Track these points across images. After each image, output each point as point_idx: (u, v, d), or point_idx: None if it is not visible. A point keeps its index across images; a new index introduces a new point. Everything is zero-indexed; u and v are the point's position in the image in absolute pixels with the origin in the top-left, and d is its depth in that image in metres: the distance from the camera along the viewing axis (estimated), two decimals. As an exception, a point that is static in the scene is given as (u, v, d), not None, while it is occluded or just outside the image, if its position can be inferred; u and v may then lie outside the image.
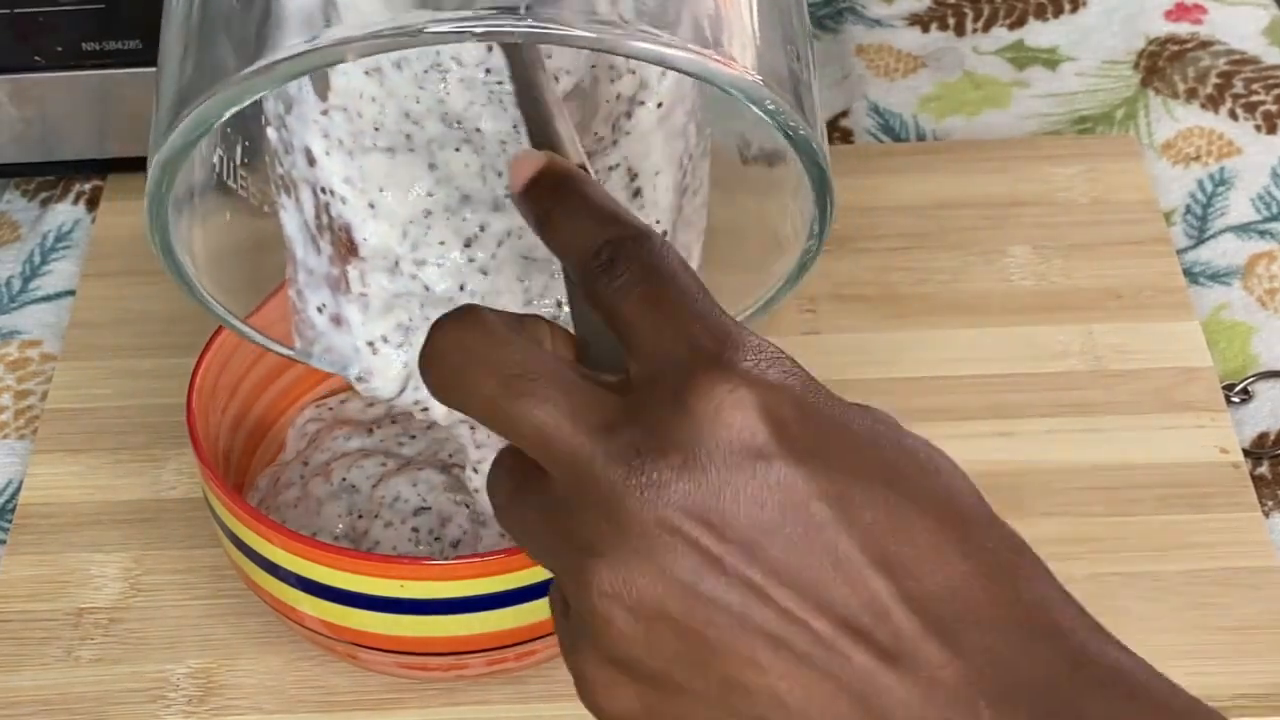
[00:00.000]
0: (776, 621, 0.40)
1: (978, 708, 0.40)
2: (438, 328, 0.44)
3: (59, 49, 0.81)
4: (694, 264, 0.64)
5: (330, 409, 0.71)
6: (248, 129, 0.59)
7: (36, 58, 0.81)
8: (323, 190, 0.58)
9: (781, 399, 0.41)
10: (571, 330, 0.47)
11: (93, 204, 0.86)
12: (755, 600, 0.40)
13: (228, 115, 0.50)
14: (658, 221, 0.60)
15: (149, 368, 0.77)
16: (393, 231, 0.59)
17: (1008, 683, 0.40)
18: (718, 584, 0.40)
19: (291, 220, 0.59)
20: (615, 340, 0.44)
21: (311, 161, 0.57)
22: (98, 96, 0.82)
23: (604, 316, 0.44)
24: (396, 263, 0.60)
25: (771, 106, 0.49)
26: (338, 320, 0.60)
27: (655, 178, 0.60)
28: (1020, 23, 0.94)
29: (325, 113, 0.57)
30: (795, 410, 0.41)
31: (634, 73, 0.58)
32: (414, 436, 0.70)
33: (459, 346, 0.43)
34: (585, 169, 0.48)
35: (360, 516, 0.67)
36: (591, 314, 0.45)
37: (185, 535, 0.71)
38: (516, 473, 0.44)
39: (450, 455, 0.69)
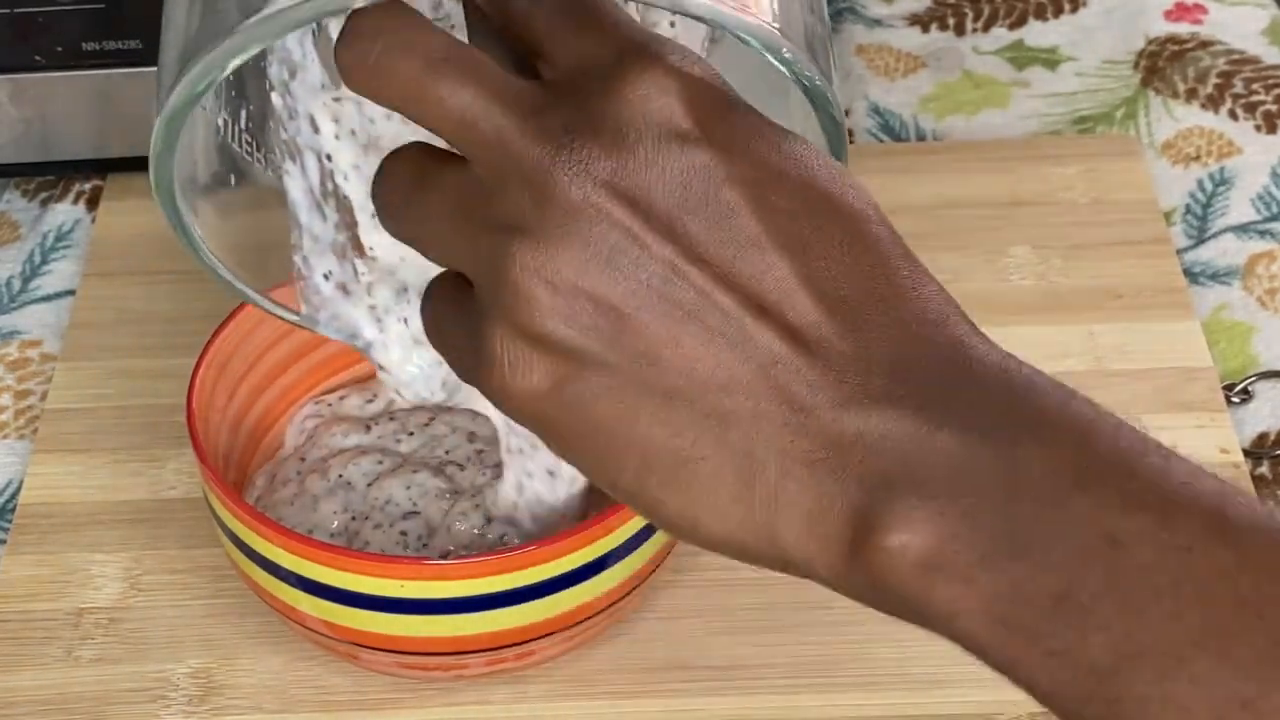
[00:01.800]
0: (690, 297, 0.42)
1: (871, 376, 0.42)
2: (358, 14, 0.44)
3: (59, 49, 0.81)
4: None
5: (329, 405, 0.71)
6: (254, 94, 0.60)
7: (36, 58, 0.81)
8: (327, 157, 0.58)
9: (705, 91, 0.43)
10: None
11: (93, 204, 0.86)
12: (672, 276, 0.42)
13: (232, 67, 0.50)
14: None
15: (149, 368, 0.77)
16: (406, 270, 0.59)
17: (899, 355, 0.43)
18: (637, 259, 0.42)
19: (296, 186, 0.60)
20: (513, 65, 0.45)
21: (316, 129, 0.57)
22: (98, 96, 0.82)
23: (518, 31, 0.45)
24: (405, 289, 0.60)
25: (788, 55, 0.49)
26: (345, 289, 0.60)
27: None
28: (1020, 23, 0.94)
29: (338, 100, 0.57)
30: (717, 103, 0.44)
31: None
32: (411, 433, 0.70)
33: (381, 30, 0.44)
34: None
35: (354, 517, 0.67)
36: (491, 38, 0.46)
37: (185, 535, 0.71)
38: (415, 167, 0.45)
39: (447, 452, 0.69)
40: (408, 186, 0.45)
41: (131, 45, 0.80)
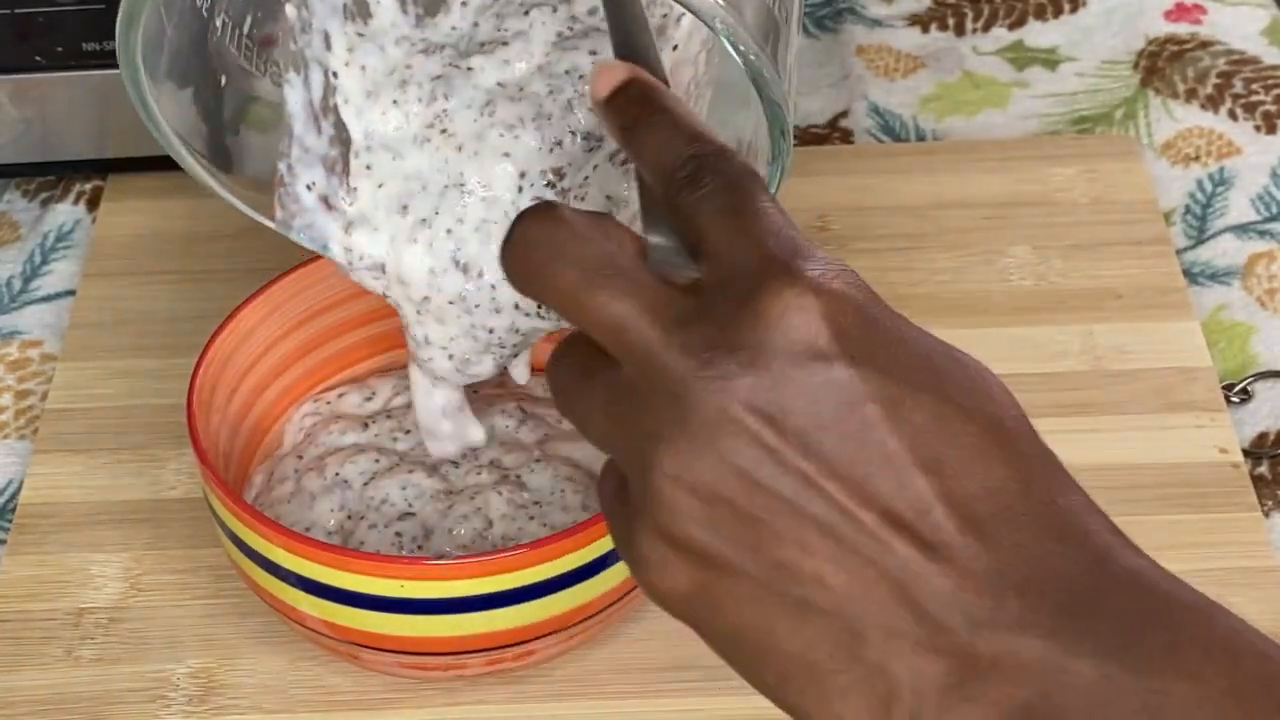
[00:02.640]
0: (826, 511, 0.43)
1: (1006, 597, 0.42)
2: (520, 221, 0.47)
3: (59, 49, 0.81)
4: None
5: (328, 403, 0.71)
6: (264, 2, 0.61)
7: (36, 58, 0.81)
8: (334, 74, 0.59)
9: (844, 306, 0.44)
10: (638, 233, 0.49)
11: (93, 204, 0.86)
12: (807, 490, 0.43)
13: None
14: None
15: (149, 368, 0.77)
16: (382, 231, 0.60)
17: (1035, 576, 0.42)
18: (774, 473, 0.43)
19: (296, 97, 0.61)
20: (680, 247, 0.47)
21: (329, 47, 0.59)
22: (98, 96, 0.82)
23: (682, 224, 0.46)
24: (392, 238, 0.61)
25: (720, 26, 0.51)
26: (326, 202, 0.62)
27: None
28: (1020, 23, 0.94)
29: (361, 35, 0.58)
30: (856, 317, 0.44)
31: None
32: (408, 432, 0.70)
33: (542, 240, 0.46)
34: (666, 83, 0.50)
35: (350, 516, 0.67)
36: (662, 221, 0.47)
37: (185, 535, 0.71)
38: (582, 359, 0.47)
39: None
40: (574, 377, 0.47)
41: (131, 45, 0.81)
